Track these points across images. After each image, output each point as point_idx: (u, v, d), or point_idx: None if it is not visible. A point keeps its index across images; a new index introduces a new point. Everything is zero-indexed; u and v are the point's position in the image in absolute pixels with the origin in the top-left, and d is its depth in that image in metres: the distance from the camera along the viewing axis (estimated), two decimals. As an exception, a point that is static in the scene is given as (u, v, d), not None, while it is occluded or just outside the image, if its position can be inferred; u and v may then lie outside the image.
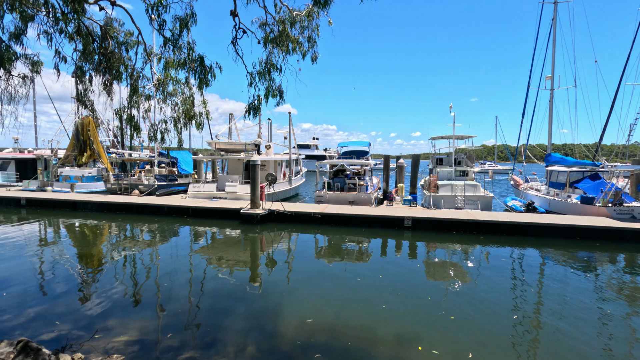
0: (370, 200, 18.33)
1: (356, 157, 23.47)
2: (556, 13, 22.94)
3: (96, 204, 18.57)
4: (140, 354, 5.36)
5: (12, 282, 8.31)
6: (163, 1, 6.02)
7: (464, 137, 22.49)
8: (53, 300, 7.39)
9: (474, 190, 18.38)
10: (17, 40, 5.47)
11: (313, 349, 5.62)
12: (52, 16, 5.32)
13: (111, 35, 6.37)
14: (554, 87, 23.04)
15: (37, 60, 6.29)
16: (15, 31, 5.38)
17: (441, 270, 10.03)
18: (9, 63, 5.62)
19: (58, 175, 23.69)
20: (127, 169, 27.69)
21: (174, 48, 6.39)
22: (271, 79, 5.99)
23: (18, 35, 5.45)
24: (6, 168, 27.29)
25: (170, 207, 17.50)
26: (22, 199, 19.50)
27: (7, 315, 6.61)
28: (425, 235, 13.94)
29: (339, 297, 7.86)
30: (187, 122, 7.13)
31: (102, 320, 6.46)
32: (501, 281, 8.98)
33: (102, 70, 6.58)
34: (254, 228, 14.78)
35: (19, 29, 5.38)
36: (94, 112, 8.87)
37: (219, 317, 6.70)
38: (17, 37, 5.45)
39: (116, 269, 9.70)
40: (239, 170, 23.26)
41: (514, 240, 13.18)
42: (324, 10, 5.61)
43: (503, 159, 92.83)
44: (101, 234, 14.21)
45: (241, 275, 9.41)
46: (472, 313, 7.02)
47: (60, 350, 5.08)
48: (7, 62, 5.54)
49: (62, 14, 5.47)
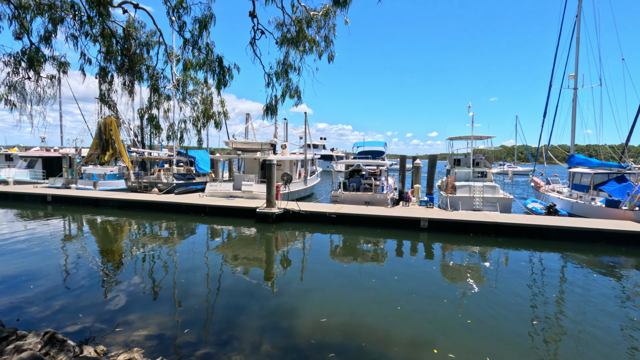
0: (387, 200, 18.20)
1: (372, 157, 23.35)
2: (580, 9, 22.20)
3: (117, 201, 19.10)
4: (159, 349, 5.49)
5: (38, 276, 8.65)
6: (183, 3, 6.14)
7: (482, 138, 22.04)
8: (76, 293, 7.65)
9: (492, 192, 18.00)
10: (47, 42, 5.70)
11: (327, 348, 5.63)
12: (79, 19, 5.51)
13: (133, 36, 6.55)
14: (578, 86, 22.30)
15: (64, 62, 6.53)
16: (45, 34, 5.61)
17: (458, 272, 9.87)
18: (38, 65, 5.87)
19: (82, 173, 24.50)
20: (147, 167, 28.38)
21: (193, 49, 6.51)
22: (288, 79, 6.03)
23: (47, 38, 5.68)
24: (34, 166, 28.41)
25: (188, 205, 17.83)
26: (48, 196, 20.25)
27: (34, 307, 6.88)
28: (441, 237, 13.74)
29: (353, 297, 7.83)
30: (206, 121, 7.26)
31: (123, 315, 6.64)
32: (520, 285, 8.76)
33: (124, 71, 6.77)
34: (269, 227, 14.90)
35: (48, 31, 5.60)
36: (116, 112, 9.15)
37: (235, 314, 6.79)
38: (47, 39, 5.68)
39: (136, 265, 9.96)
40: (255, 170, 23.49)
41: (534, 243, 12.83)
42: (341, 10, 5.61)
43: (523, 160, 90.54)
44: (122, 230, 14.61)
45: (256, 273, 9.50)
46: (489, 317, 6.88)
47: (84, 342, 5.26)
48: (36, 64, 5.79)
49: (87, 17, 5.66)
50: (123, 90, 7.40)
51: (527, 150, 68.34)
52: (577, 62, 22.25)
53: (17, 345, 4.47)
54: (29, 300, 7.21)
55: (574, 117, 22.49)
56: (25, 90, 6.35)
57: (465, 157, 22.11)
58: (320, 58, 5.98)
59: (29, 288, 7.82)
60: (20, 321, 6.26)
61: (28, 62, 5.88)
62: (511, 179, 21.55)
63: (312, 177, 27.54)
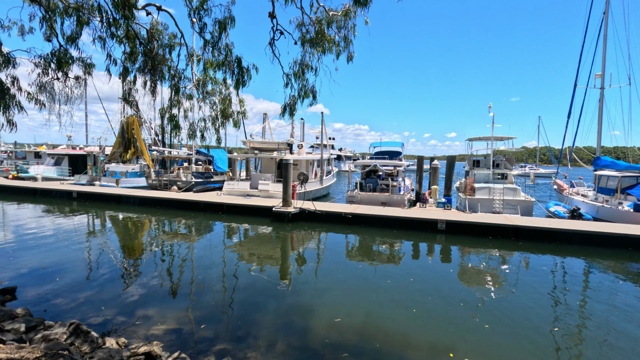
0: (404, 201, 18.03)
1: (389, 157, 23.15)
2: (608, 5, 21.36)
3: (138, 198, 19.64)
4: (177, 343, 5.62)
5: (64, 269, 8.99)
6: (204, 5, 6.26)
7: (503, 139, 21.51)
8: (99, 286, 7.91)
9: (513, 194, 17.55)
10: (73, 43, 5.93)
11: (341, 348, 5.63)
12: (105, 22, 5.70)
13: (156, 38, 6.72)
14: (605, 86, 21.48)
15: (90, 63, 6.77)
16: (71, 35, 5.83)
17: (476, 276, 9.68)
18: (66, 66, 6.12)
19: (105, 171, 25.30)
20: (167, 166, 29.05)
21: (213, 50, 6.62)
22: (305, 79, 6.06)
23: (74, 39, 5.91)
24: (60, 163, 29.53)
25: (206, 203, 18.15)
26: (74, 192, 21.01)
27: (60, 298, 7.16)
28: (459, 239, 13.50)
29: (368, 298, 7.80)
30: (225, 120, 7.37)
31: (143, 308, 6.83)
32: (541, 291, 8.51)
33: (147, 72, 6.96)
34: (285, 226, 14.99)
35: (74, 33, 5.82)
36: (138, 111, 9.42)
37: (251, 311, 6.88)
38: (73, 40, 5.90)
39: (155, 261, 10.22)
40: (272, 169, 23.69)
41: (556, 248, 12.44)
42: (362, 10, 5.60)
43: (545, 162, 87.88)
44: (142, 226, 15.01)
45: (272, 272, 9.58)
46: (508, 322, 6.72)
47: (106, 334, 5.44)
48: (65, 65, 6.03)
49: (113, 19, 5.85)
50: (145, 90, 7.61)
51: (549, 152, 66.29)
52: (604, 60, 21.43)
53: (45, 335, 4.66)
54: (55, 291, 7.51)
55: (600, 118, 21.67)
56: (54, 90, 6.62)
57: (485, 159, 21.64)
58: (338, 58, 5.98)
59: (55, 280, 8.14)
60: (47, 312, 6.53)
61: (57, 63, 6.13)
62: (533, 181, 20.95)
63: (328, 177, 27.55)
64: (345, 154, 65.40)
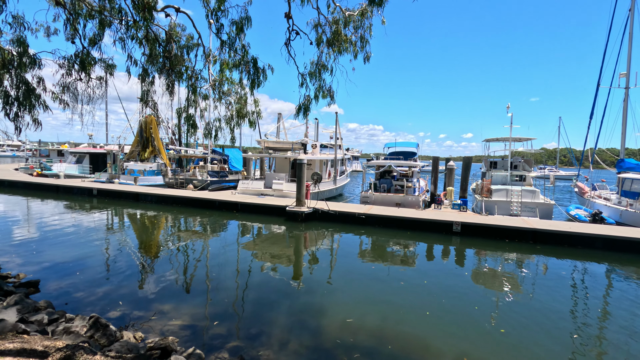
0: (418, 203, 17.84)
1: (404, 158, 22.94)
2: (634, 3, 20.60)
3: (155, 196, 20.05)
4: (192, 338, 5.72)
5: (83, 264, 9.26)
6: (222, 6, 6.34)
7: (522, 140, 21.02)
8: (117, 282, 8.12)
9: (532, 197, 17.13)
10: (95, 45, 6.11)
11: (353, 349, 5.62)
12: (125, 24, 5.85)
13: (175, 39, 6.85)
14: (630, 85, 20.71)
15: (112, 64, 6.96)
16: (93, 37, 6.01)
17: (491, 279, 9.49)
18: (89, 67, 6.30)
19: (124, 169, 25.92)
20: (183, 164, 29.55)
21: (229, 50, 6.70)
22: (322, 79, 6.07)
23: (96, 41, 6.08)
24: (82, 161, 30.42)
25: (220, 201, 18.38)
26: (94, 189, 21.61)
27: (80, 292, 7.39)
28: (475, 242, 13.26)
29: (381, 299, 7.75)
30: (240, 120, 7.46)
31: (158, 304, 6.97)
32: (560, 296, 8.28)
33: (165, 72, 7.10)
34: (298, 225, 15.05)
35: (96, 35, 6.00)
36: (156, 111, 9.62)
37: (264, 310, 6.93)
38: (95, 42, 6.08)
39: (170, 257, 10.42)
40: (286, 169, 23.79)
41: (576, 252, 12.08)
42: (378, 10, 5.57)
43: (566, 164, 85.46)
44: (158, 224, 15.32)
45: (285, 271, 9.63)
46: (524, 328, 6.56)
47: (124, 327, 5.58)
48: (87, 66, 6.22)
49: (133, 21, 5.99)
50: (163, 90, 7.77)
51: (570, 154, 64.34)
52: (630, 59, 20.67)
53: (66, 327, 4.82)
54: (76, 285, 7.75)
55: (624, 119, 20.92)
56: (77, 90, 6.84)
57: (503, 160, 21.19)
58: (355, 58, 5.96)
59: (75, 274, 8.40)
60: (68, 305, 6.74)
61: (80, 64, 6.32)
62: (553, 183, 20.41)
63: (341, 177, 27.50)
64: (353, 153, 64.92)
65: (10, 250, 10.13)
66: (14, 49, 6.20)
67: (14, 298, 5.72)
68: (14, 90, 6.22)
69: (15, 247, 10.41)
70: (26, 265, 8.86)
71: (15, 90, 6.18)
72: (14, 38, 6.17)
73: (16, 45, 6.09)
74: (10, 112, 6.11)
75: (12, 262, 9.03)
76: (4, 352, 3.14)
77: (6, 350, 3.19)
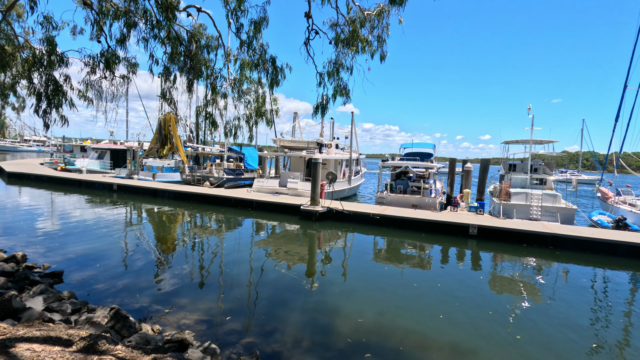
0: (435, 204, 17.63)
1: (420, 159, 22.71)
2: (668, 1, 19.73)
3: (173, 192, 20.46)
4: (207, 333, 5.82)
5: (104, 256, 9.54)
6: (241, 5, 6.42)
7: (542, 142, 20.49)
8: (135, 274, 8.34)
9: (553, 201, 16.68)
10: (122, 45, 6.30)
11: (364, 348, 5.61)
12: (149, 24, 6.00)
13: (196, 39, 6.99)
14: (660, 87, 19.89)
15: (135, 62, 7.15)
16: (120, 37, 6.20)
17: (508, 284, 9.30)
18: (113, 65, 6.50)
19: (143, 165, 26.54)
20: (200, 162, 30.03)
21: (248, 49, 6.79)
22: (339, 78, 6.08)
23: (122, 41, 6.27)
24: (103, 157, 31.31)
25: (236, 199, 18.61)
26: (114, 185, 22.22)
27: (101, 284, 7.62)
28: (491, 245, 13.01)
29: (393, 301, 7.71)
30: (258, 119, 7.54)
31: (175, 298, 7.13)
32: (581, 304, 8.05)
33: (186, 71, 7.25)
34: (312, 224, 15.09)
35: (123, 35, 6.18)
36: (176, 109, 9.81)
37: (277, 307, 6.99)
38: (122, 42, 6.27)
39: (186, 253, 10.62)
40: (301, 168, 23.88)
41: (599, 259, 11.70)
42: (396, 9, 5.53)
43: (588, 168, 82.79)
44: (175, 219, 15.63)
45: (298, 269, 9.68)
46: (542, 336, 6.41)
47: (143, 320, 5.73)
48: (112, 65, 6.41)
49: (156, 21, 6.13)
50: (183, 88, 7.93)
51: (594, 158, 62.23)
52: (660, 60, 19.84)
53: (88, 317, 4.99)
54: (96, 277, 8.00)
55: (653, 122, 20.07)
56: (102, 88, 7.06)
57: (522, 163, 20.70)
58: (372, 58, 5.95)
59: (95, 266, 8.67)
60: (89, 295, 6.97)
61: (105, 63, 6.52)
62: (575, 187, 19.79)
63: (356, 177, 27.41)
64: None
65: (36, 241, 10.53)
66: (44, 48, 6.44)
67: (40, 287, 5.95)
68: (42, 87, 6.47)
69: (40, 239, 10.81)
70: (50, 256, 9.20)
71: (44, 87, 6.43)
72: (43, 37, 6.42)
73: (46, 44, 6.33)
74: (39, 108, 6.36)
75: (37, 253, 9.39)
76: (31, 339, 3.28)
77: (33, 337, 3.33)
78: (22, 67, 7.38)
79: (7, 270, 6.90)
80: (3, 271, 6.82)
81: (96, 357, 3.13)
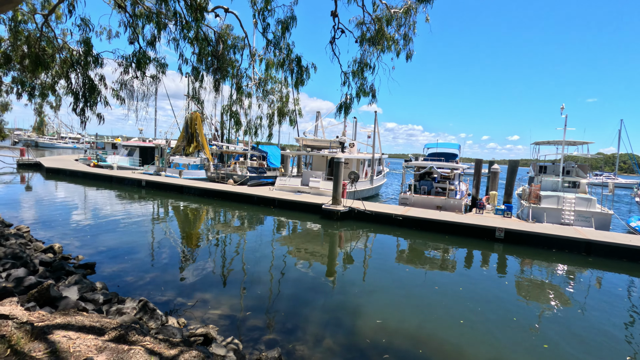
0: (460, 206, 17.22)
1: (444, 159, 22.23)
2: None
3: (198, 189, 20.99)
4: (231, 328, 5.93)
5: (132, 250, 9.92)
6: (268, 6, 6.49)
7: (576, 143, 19.58)
8: (161, 268, 8.61)
9: (587, 205, 15.90)
10: (152, 46, 6.53)
11: (385, 350, 5.56)
12: (179, 25, 6.18)
13: (223, 39, 7.12)
14: None
15: (164, 63, 7.39)
16: (151, 38, 6.42)
17: (535, 291, 8.94)
18: (144, 66, 6.74)
19: (170, 162, 27.37)
20: (224, 160, 30.65)
21: (275, 49, 6.85)
22: (364, 77, 6.03)
23: (153, 42, 6.49)
24: (133, 154, 32.53)
25: (259, 197, 18.87)
26: (143, 181, 23.04)
27: (130, 277, 7.92)
28: (519, 250, 12.56)
29: (413, 303, 7.60)
30: (281, 118, 7.61)
31: (199, 292, 7.31)
32: (615, 314, 7.63)
33: (213, 71, 7.41)
34: (333, 224, 15.08)
35: (154, 36, 6.40)
36: (202, 108, 10.09)
37: (299, 305, 7.04)
38: (152, 43, 6.49)
39: (210, 248, 10.87)
40: (323, 167, 23.92)
41: (636, 267, 11.06)
42: (424, 7, 5.43)
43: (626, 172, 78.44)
44: (200, 216, 16.03)
45: (319, 268, 9.70)
46: (572, 347, 6.13)
47: (169, 313, 5.91)
48: (143, 65, 6.65)
49: (185, 22, 6.30)
50: (210, 88, 8.11)
51: (632, 160, 58.89)
52: None
53: (119, 308, 5.20)
54: (126, 270, 8.32)
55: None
56: (134, 87, 7.34)
57: (554, 164, 19.86)
58: (397, 57, 5.87)
59: (124, 259, 9.02)
60: (119, 287, 7.26)
61: (137, 63, 6.77)
62: (612, 191, 18.80)
63: (378, 177, 27.17)
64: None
65: (70, 234, 11.07)
66: (81, 49, 6.75)
67: (75, 278, 6.25)
68: (80, 87, 6.79)
69: (74, 232, 11.36)
70: (83, 248, 9.65)
71: (81, 87, 6.75)
72: (80, 39, 6.73)
73: (82, 45, 6.63)
74: (77, 107, 6.68)
75: (71, 245, 9.87)
76: (67, 327, 3.46)
77: (69, 325, 3.51)
78: (61, 67, 7.78)
79: (45, 261, 7.29)
80: (42, 261, 7.22)
81: (126, 346, 3.25)
